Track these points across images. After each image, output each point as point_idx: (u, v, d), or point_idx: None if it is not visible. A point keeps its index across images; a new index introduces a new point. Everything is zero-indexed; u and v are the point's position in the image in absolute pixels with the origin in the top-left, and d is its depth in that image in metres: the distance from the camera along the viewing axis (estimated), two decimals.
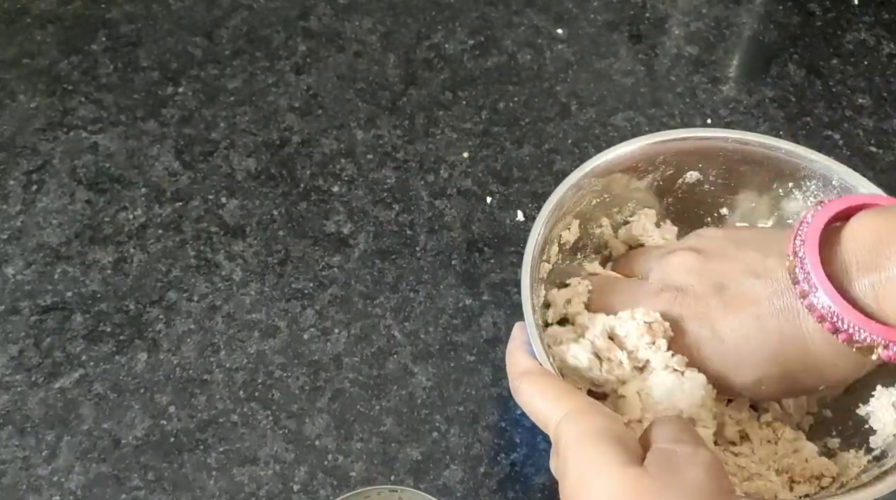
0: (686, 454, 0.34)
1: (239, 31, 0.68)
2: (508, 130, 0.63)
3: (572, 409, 0.37)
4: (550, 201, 0.46)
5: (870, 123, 0.64)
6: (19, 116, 0.62)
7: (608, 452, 0.34)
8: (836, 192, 0.48)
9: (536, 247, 0.45)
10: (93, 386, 0.51)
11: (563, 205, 0.47)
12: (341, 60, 0.67)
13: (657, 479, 0.33)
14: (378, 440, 0.50)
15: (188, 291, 0.55)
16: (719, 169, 0.50)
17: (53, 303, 0.54)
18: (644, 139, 0.49)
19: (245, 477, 0.48)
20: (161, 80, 0.65)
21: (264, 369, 0.52)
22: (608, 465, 0.34)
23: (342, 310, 0.54)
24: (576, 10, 0.71)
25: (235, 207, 0.59)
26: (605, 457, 0.34)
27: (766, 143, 0.49)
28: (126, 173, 0.60)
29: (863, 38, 0.70)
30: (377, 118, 0.63)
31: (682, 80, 0.67)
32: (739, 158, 0.50)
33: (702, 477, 0.34)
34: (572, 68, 0.67)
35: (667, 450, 0.35)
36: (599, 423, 0.36)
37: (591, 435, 0.35)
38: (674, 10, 0.71)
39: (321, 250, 0.57)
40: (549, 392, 0.39)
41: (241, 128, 0.63)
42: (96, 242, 0.57)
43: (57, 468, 0.48)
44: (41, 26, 0.67)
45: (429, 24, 0.69)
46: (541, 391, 0.39)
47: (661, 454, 0.35)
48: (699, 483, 0.33)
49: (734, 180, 0.51)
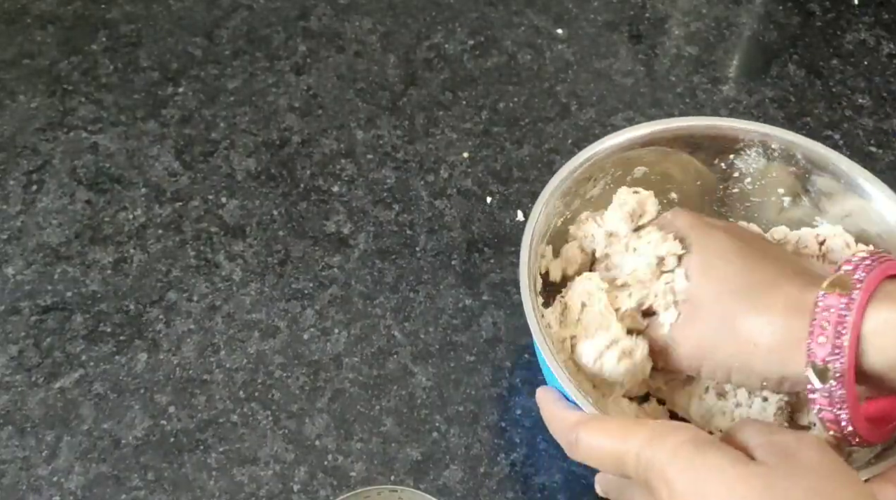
0: (794, 439, 0.34)
1: (239, 31, 0.68)
2: (508, 130, 0.63)
3: (647, 435, 0.35)
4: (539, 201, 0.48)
5: (870, 123, 0.64)
6: (19, 116, 0.62)
7: (717, 457, 0.33)
8: (777, 154, 0.51)
9: (533, 248, 0.45)
10: (93, 386, 0.51)
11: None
12: (341, 60, 0.67)
13: (779, 468, 0.33)
14: (378, 440, 0.50)
15: (188, 291, 0.55)
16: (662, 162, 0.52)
17: (53, 303, 0.54)
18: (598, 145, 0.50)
19: (245, 477, 0.48)
20: (161, 80, 0.65)
21: (264, 369, 0.52)
22: (725, 470, 0.33)
23: (342, 310, 0.54)
24: (576, 11, 0.71)
25: (235, 208, 0.59)
26: (718, 463, 0.33)
27: (703, 123, 0.51)
28: (126, 173, 0.60)
29: (863, 39, 0.70)
30: (377, 118, 0.63)
31: (682, 80, 0.67)
32: (684, 142, 0.51)
33: (818, 456, 0.33)
34: (572, 68, 0.67)
35: (774, 441, 0.34)
36: (687, 435, 0.35)
37: (688, 448, 0.34)
38: (674, 10, 0.71)
39: (321, 250, 0.57)
40: (614, 430, 0.37)
41: (241, 128, 0.63)
42: (96, 243, 0.57)
43: (57, 468, 0.48)
44: (41, 26, 0.67)
45: (429, 24, 0.69)
46: (604, 432, 0.37)
47: (771, 447, 0.34)
48: (818, 461, 0.33)
49: (676, 168, 0.52)
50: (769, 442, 0.34)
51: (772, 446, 0.34)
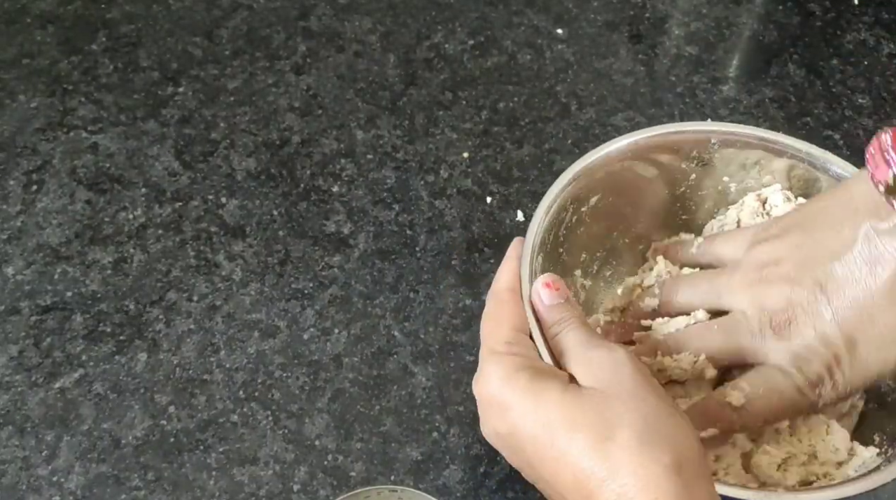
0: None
1: (239, 31, 0.68)
2: (508, 130, 0.63)
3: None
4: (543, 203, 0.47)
5: (870, 122, 0.64)
6: (19, 116, 0.62)
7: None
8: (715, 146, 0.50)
9: (535, 248, 0.45)
10: (93, 386, 0.51)
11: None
12: (341, 60, 0.67)
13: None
14: (378, 440, 0.50)
15: (188, 291, 0.55)
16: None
17: (53, 303, 0.54)
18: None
19: (245, 477, 0.48)
20: (161, 80, 0.65)
21: (264, 369, 0.52)
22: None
23: (342, 310, 0.54)
24: (576, 10, 0.71)
25: (235, 208, 0.59)
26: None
27: (668, 130, 0.51)
28: (126, 173, 0.60)
29: (863, 38, 0.70)
30: (377, 118, 0.63)
31: (682, 80, 0.67)
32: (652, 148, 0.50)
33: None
34: (572, 68, 0.67)
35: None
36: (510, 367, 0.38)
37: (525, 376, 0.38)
38: (674, 10, 0.71)
39: (321, 250, 0.57)
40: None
41: (241, 128, 0.63)
42: (96, 243, 0.57)
43: (57, 468, 0.48)
44: (41, 26, 0.67)
45: (429, 24, 0.69)
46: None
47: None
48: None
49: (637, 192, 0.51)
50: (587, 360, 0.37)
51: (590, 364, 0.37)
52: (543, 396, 0.36)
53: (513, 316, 0.41)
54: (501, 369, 0.38)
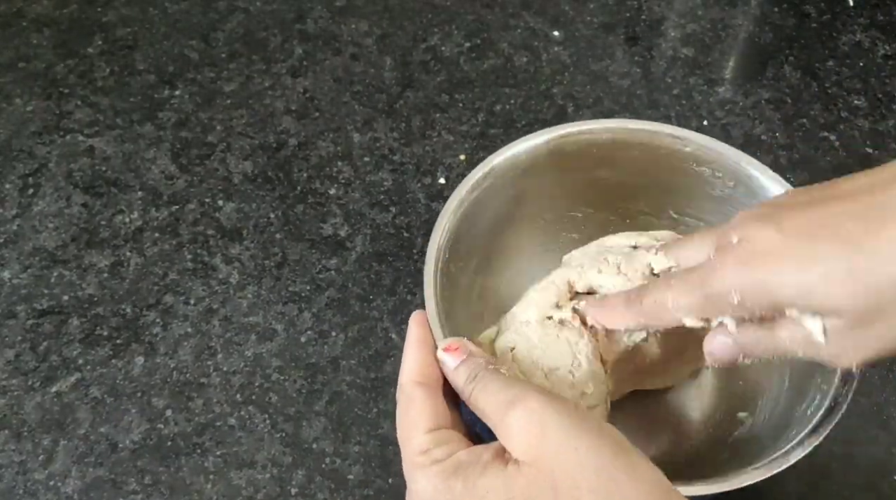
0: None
1: (235, 34, 0.68)
2: (505, 132, 0.63)
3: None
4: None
5: (866, 124, 0.64)
6: (15, 120, 0.62)
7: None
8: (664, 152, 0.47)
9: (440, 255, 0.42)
10: (89, 390, 0.51)
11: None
12: (337, 63, 0.67)
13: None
14: (376, 443, 0.49)
15: (185, 294, 0.55)
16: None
17: (50, 307, 0.54)
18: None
19: (242, 481, 0.48)
20: (157, 83, 0.65)
21: (261, 372, 0.52)
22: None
23: (339, 313, 0.54)
24: (572, 13, 0.71)
25: (232, 210, 0.59)
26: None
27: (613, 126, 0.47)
28: (122, 177, 0.60)
29: (858, 40, 0.70)
30: (374, 121, 0.63)
31: (678, 81, 0.67)
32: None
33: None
34: (568, 70, 0.67)
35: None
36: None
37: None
38: (670, 12, 0.71)
39: (318, 252, 0.57)
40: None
41: (238, 131, 0.63)
42: (93, 246, 0.57)
43: (53, 472, 0.48)
44: (37, 30, 0.67)
45: (425, 26, 0.69)
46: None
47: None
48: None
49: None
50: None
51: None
52: (488, 497, 0.34)
53: (424, 414, 0.37)
54: (430, 485, 0.35)
